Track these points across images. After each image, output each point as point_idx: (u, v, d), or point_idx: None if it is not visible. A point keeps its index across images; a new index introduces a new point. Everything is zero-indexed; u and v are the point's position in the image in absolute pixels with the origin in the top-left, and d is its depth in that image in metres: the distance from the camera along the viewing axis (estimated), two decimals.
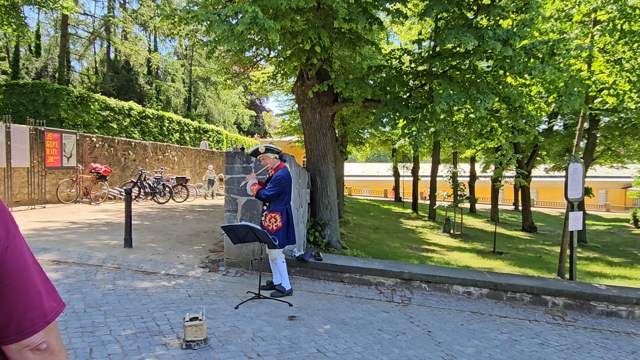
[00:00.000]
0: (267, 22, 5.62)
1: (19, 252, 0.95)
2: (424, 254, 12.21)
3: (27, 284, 0.95)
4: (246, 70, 15.51)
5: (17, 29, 13.66)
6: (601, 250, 17.49)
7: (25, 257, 0.97)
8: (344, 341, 4.22)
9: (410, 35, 17.40)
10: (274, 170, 5.47)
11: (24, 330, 0.94)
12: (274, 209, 5.39)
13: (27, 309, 0.95)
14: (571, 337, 5.08)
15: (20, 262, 0.95)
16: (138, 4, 34.33)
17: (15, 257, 0.94)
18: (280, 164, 5.51)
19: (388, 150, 33.18)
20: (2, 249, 0.91)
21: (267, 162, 5.48)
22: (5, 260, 0.92)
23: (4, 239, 0.92)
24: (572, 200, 8.24)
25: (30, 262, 0.98)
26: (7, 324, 0.93)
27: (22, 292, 0.94)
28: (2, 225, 0.93)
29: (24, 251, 0.96)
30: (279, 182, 5.31)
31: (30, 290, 0.96)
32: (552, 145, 23.53)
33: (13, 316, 0.93)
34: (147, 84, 35.52)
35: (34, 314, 0.96)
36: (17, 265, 0.94)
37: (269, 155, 5.47)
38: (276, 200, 5.38)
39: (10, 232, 0.94)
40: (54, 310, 1.00)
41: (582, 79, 9.06)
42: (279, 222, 5.36)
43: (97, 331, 3.84)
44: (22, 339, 0.94)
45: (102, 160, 14.27)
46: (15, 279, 0.93)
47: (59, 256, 6.15)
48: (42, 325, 0.97)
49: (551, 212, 37.84)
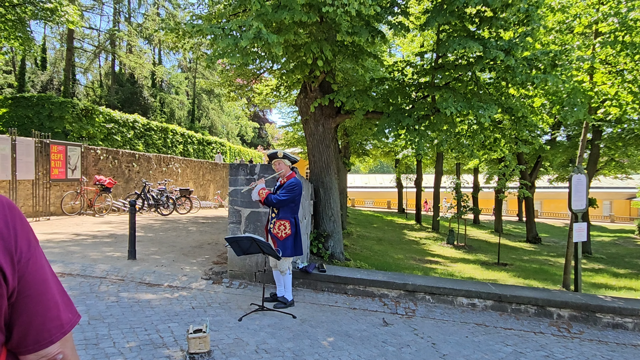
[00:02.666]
0: (271, 37, 5.68)
1: (39, 264, 0.98)
2: (427, 266, 12.15)
3: (46, 296, 0.98)
4: (250, 83, 15.62)
5: (24, 43, 13.81)
6: (606, 262, 17.36)
7: (45, 269, 0.99)
8: (347, 353, 4.20)
9: (412, 48, 17.55)
10: (286, 178, 5.46)
11: (42, 340, 0.96)
12: (283, 217, 5.33)
13: (45, 319, 0.96)
14: (577, 349, 5.03)
15: (40, 274, 0.97)
16: (143, 18, 34.77)
17: (35, 270, 0.96)
18: (292, 174, 5.50)
19: (391, 162, 33.22)
20: (24, 262, 0.94)
21: (281, 168, 5.44)
22: (27, 272, 0.94)
23: (26, 252, 0.95)
24: (576, 211, 8.22)
25: (49, 274, 1.00)
26: (26, 334, 0.94)
27: (41, 304, 0.96)
28: (24, 238, 0.95)
29: (44, 263, 0.99)
30: (292, 188, 5.27)
31: (49, 301, 0.98)
32: (555, 156, 23.52)
33: (32, 326, 0.95)
34: (152, 96, 35.80)
35: (52, 324, 0.98)
36: (37, 277, 0.96)
37: (285, 162, 5.45)
38: (286, 208, 5.33)
39: (31, 245, 0.97)
40: (70, 321, 1.02)
41: (585, 90, 9.10)
42: (288, 230, 5.31)
43: (101, 343, 3.84)
44: (40, 349, 0.96)
45: (107, 172, 14.34)
46: (35, 290, 0.95)
47: (63, 268, 6.17)
48: (59, 336, 0.99)
49: (555, 223, 37.65)
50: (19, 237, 0.94)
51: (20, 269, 0.93)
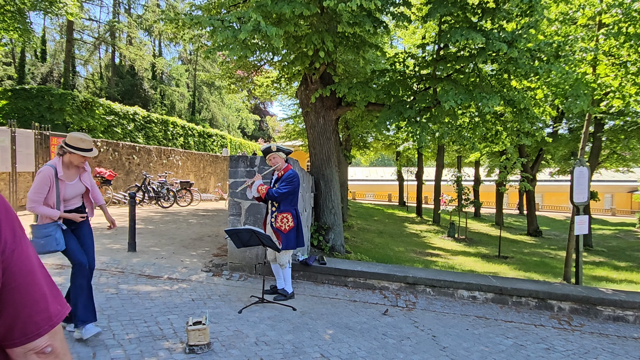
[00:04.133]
0: (270, 29, 5.61)
1: (25, 255, 0.95)
2: (428, 258, 12.15)
3: (33, 287, 0.95)
4: (250, 75, 15.54)
5: (23, 35, 13.73)
6: (607, 255, 17.37)
7: (32, 260, 0.96)
8: (347, 346, 4.19)
9: (414, 40, 17.41)
10: (283, 170, 5.43)
11: (30, 333, 0.94)
12: (284, 209, 5.31)
13: (32, 312, 0.94)
14: (577, 342, 5.02)
15: (26, 265, 0.94)
16: (143, 9, 34.58)
17: (21, 260, 0.93)
18: (287, 166, 5.48)
19: (392, 154, 33.16)
20: (9, 252, 0.91)
21: (277, 162, 5.40)
22: (12, 263, 0.91)
23: (11, 242, 0.92)
24: (578, 204, 8.19)
25: (37, 265, 0.98)
26: (13, 327, 0.92)
27: (27, 295, 0.94)
28: (9, 228, 0.93)
29: (30, 254, 0.96)
30: (291, 180, 5.24)
31: (36, 293, 0.95)
32: (557, 149, 23.44)
33: (19, 319, 0.92)
34: (152, 88, 35.69)
35: (40, 317, 0.95)
36: (23, 268, 0.93)
37: (280, 155, 5.43)
38: (286, 200, 5.31)
39: (16, 235, 0.94)
40: (59, 313, 0.99)
41: (588, 82, 9.03)
42: (290, 222, 5.29)
43: (101, 335, 3.83)
44: (28, 342, 0.94)
45: (107, 164, 14.31)
46: (22, 282, 0.93)
47: (63, 260, 6.15)
48: (47, 328, 0.96)
49: (556, 216, 37.63)
50: (3, 227, 0.91)
51: (4, 260, 0.90)
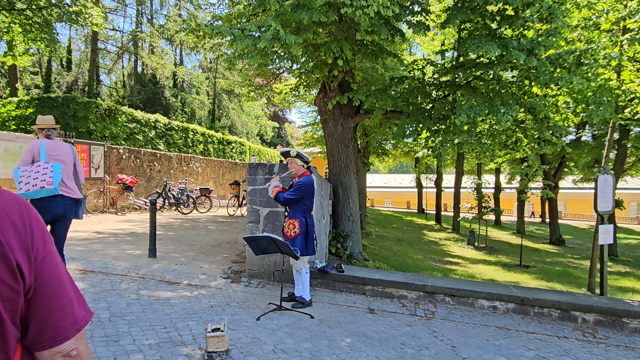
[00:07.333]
0: (289, 38, 5.68)
1: (54, 262, 0.99)
2: (447, 267, 12.01)
3: (61, 293, 0.99)
4: (269, 82, 15.68)
5: (50, 45, 14.17)
6: (633, 265, 16.87)
7: (59, 267, 1.01)
8: (365, 355, 4.17)
9: (433, 46, 17.36)
10: (298, 176, 5.50)
11: (57, 337, 0.98)
12: (292, 215, 5.42)
13: (60, 316, 0.98)
14: (602, 355, 4.89)
15: (55, 271, 0.99)
16: (165, 19, 35.29)
17: (51, 267, 0.98)
18: (305, 172, 5.52)
19: (411, 161, 32.91)
20: (40, 259, 0.95)
21: (293, 167, 5.48)
22: (43, 270, 0.96)
23: (42, 250, 0.96)
24: (602, 213, 8.00)
25: (64, 272, 1.02)
26: (42, 330, 0.96)
27: (56, 301, 0.98)
28: (40, 236, 0.97)
29: (58, 261, 1.01)
30: (299, 187, 5.32)
31: (64, 298, 1.00)
32: (580, 157, 22.95)
33: (48, 323, 0.96)
34: (173, 96, 36.29)
35: (67, 321, 0.99)
36: (52, 274, 0.98)
37: (297, 161, 5.48)
38: (295, 207, 5.39)
39: (46, 243, 0.99)
40: (84, 318, 1.04)
41: (611, 88, 8.85)
42: (296, 229, 5.35)
43: (121, 340, 3.89)
44: (55, 345, 0.97)
45: (129, 171, 14.58)
46: (51, 287, 0.97)
47: (86, 265, 6.29)
48: (73, 332, 1.00)
49: (580, 224, 36.78)
50: (35, 235, 0.95)
51: (36, 267, 0.94)
